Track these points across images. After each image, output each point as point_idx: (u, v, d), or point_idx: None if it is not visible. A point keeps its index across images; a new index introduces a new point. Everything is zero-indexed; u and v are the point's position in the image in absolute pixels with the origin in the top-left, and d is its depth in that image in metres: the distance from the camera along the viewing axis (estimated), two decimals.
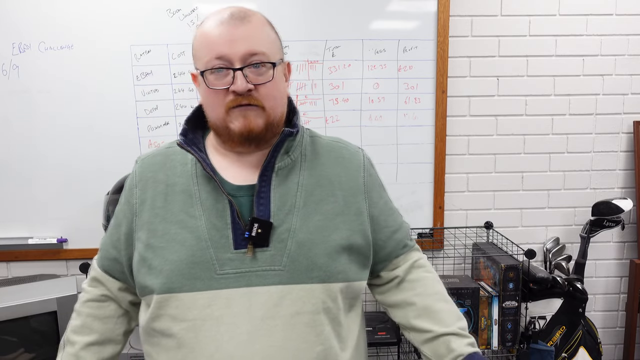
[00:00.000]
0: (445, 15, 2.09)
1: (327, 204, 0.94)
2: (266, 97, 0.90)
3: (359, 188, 0.99)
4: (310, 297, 0.89)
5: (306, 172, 0.96)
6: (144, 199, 0.96)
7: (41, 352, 1.82)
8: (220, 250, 0.89)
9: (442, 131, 2.16)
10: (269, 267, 0.88)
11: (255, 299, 0.87)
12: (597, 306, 2.34)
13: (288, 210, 0.91)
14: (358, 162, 1.02)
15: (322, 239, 0.91)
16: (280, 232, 0.90)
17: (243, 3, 2.05)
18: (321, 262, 0.90)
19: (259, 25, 0.90)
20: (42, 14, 2.01)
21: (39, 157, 2.09)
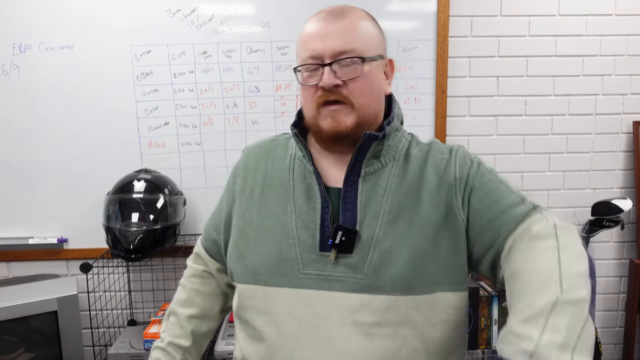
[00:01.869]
0: (445, 16, 2.09)
1: (413, 210, 0.89)
2: (355, 93, 0.88)
3: (451, 183, 0.91)
4: (392, 308, 0.85)
5: (395, 177, 0.92)
6: (244, 187, 0.99)
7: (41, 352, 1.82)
8: (306, 250, 0.89)
9: (442, 131, 2.16)
10: (350, 275, 0.86)
11: (336, 303, 0.86)
12: (597, 306, 2.34)
13: (373, 216, 0.89)
14: (449, 157, 0.94)
15: (405, 248, 0.86)
16: (364, 240, 0.88)
17: (242, 4, 2.05)
18: (405, 273, 0.85)
19: (356, 20, 0.89)
20: (42, 14, 2.01)
21: (39, 157, 2.09)
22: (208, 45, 2.06)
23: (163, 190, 1.92)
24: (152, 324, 1.88)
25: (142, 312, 2.20)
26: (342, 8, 0.90)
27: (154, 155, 2.11)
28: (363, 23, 0.90)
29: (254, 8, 2.06)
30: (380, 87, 0.93)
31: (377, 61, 0.91)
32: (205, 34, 2.06)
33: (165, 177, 2.00)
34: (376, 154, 0.92)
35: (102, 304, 2.13)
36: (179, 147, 2.11)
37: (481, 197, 0.90)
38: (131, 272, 2.19)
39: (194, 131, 2.11)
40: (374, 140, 0.90)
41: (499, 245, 0.87)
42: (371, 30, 0.91)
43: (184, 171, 2.13)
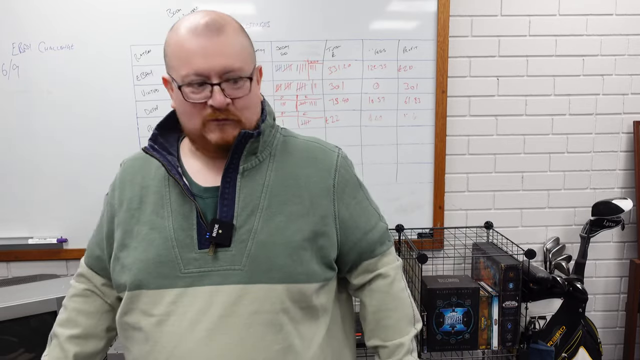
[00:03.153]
0: (445, 15, 2.09)
1: (291, 204, 0.95)
2: (243, 109, 0.92)
3: (329, 189, 0.99)
4: (269, 297, 0.90)
5: (273, 172, 0.97)
6: (122, 200, 1.01)
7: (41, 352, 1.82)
8: (185, 250, 0.92)
9: (442, 131, 2.16)
10: (229, 267, 0.90)
11: (216, 297, 0.89)
12: (597, 306, 2.34)
13: (251, 211, 0.93)
14: (330, 163, 1.01)
15: (283, 240, 0.92)
16: (242, 232, 0.92)
17: (242, 4, 2.05)
18: (281, 263, 0.91)
19: (234, 36, 0.90)
20: (42, 14, 2.01)
21: (39, 157, 2.09)
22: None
23: None
24: None
25: None
26: (217, 21, 0.90)
27: None
28: (240, 38, 0.92)
29: (254, 8, 2.06)
30: (259, 96, 0.98)
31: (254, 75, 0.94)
32: None
33: None
34: (252, 150, 0.95)
35: None
36: None
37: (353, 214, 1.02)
38: None
39: None
40: (250, 139, 0.94)
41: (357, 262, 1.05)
42: (247, 44, 0.93)
43: None
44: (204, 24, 0.89)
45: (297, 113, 2.12)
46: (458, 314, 1.88)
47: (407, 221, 2.20)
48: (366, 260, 1.05)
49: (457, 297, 1.88)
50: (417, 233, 2.21)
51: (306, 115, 2.12)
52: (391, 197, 2.19)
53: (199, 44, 0.88)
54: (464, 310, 1.88)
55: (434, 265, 2.26)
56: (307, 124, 2.12)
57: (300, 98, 2.12)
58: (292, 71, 2.09)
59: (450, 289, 1.87)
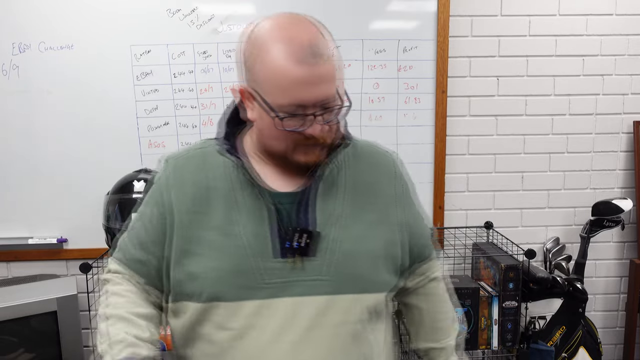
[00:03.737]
0: (445, 15, 2.09)
1: (368, 212, 0.93)
2: (332, 133, 0.89)
3: (395, 196, 0.98)
4: (354, 307, 0.89)
5: (349, 179, 0.94)
6: (180, 202, 0.91)
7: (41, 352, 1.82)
8: (263, 259, 0.86)
9: (442, 131, 2.16)
10: (316, 277, 0.87)
11: (301, 309, 0.86)
12: (597, 306, 2.34)
13: (331, 218, 0.90)
14: (391, 168, 1.00)
15: (365, 249, 0.91)
16: (326, 241, 0.88)
17: (242, 4, 2.05)
18: (365, 273, 0.90)
19: (335, 57, 0.84)
20: (42, 14, 2.01)
21: (39, 157, 2.09)
22: (208, 45, 2.06)
23: None
24: None
25: None
26: (319, 43, 0.82)
27: (154, 155, 2.11)
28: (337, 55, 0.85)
29: (254, 8, 2.06)
30: None
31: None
32: (205, 34, 2.06)
33: None
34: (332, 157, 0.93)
35: None
36: (179, 147, 2.11)
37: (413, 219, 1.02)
38: None
39: (194, 131, 2.11)
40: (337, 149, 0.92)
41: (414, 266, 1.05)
42: (340, 64, 0.87)
43: None
44: (307, 49, 0.80)
45: None
46: (458, 314, 1.88)
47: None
48: (421, 263, 1.06)
49: (457, 297, 1.88)
50: None
51: None
52: None
53: (303, 74, 0.80)
54: (464, 310, 1.88)
55: None
56: None
57: None
58: None
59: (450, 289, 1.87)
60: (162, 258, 0.92)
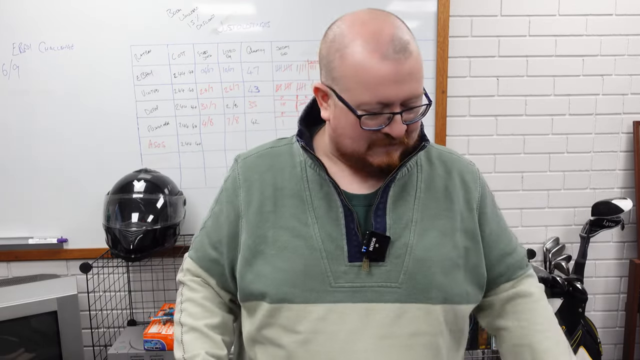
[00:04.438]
0: (445, 15, 2.09)
1: (442, 218, 0.89)
2: (413, 132, 0.85)
3: (474, 204, 0.93)
4: (428, 317, 0.84)
5: (423, 184, 0.90)
6: (249, 201, 0.91)
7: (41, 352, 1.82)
8: (335, 262, 0.84)
9: (442, 131, 2.16)
10: (385, 284, 0.83)
11: (372, 316, 0.82)
12: (597, 306, 2.34)
13: (405, 224, 0.86)
14: (473, 177, 0.96)
15: (439, 257, 0.86)
16: (397, 247, 0.85)
17: (242, 4, 2.05)
18: (439, 282, 0.85)
19: (417, 52, 0.80)
20: (42, 14, 2.01)
21: (39, 157, 2.09)
22: (208, 45, 2.06)
23: (163, 190, 1.92)
24: (152, 324, 1.88)
25: (142, 312, 2.20)
26: (402, 38, 0.78)
27: (154, 155, 2.11)
28: (420, 52, 0.81)
29: (254, 8, 2.06)
30: None
31: None
32: (205, 34, 2.06)
33: (165, 177, 2.00)
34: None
35: (102, 304, 2.13)
36: (179, 147, 2.11)
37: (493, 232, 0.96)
38: (131, 272, 2.19)
39: (194, 131, 2.11)
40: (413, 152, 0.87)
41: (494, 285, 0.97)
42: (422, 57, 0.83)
43: (184, 171, 2.13)
44: (391, 44, 0.77)
45: (297, 113, 2.11)
46: None
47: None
48: (504, 283, 0.97)
49: None
50: None
51: None
52: None
53: (389, 70, 0.76)
54: None
55: None
56: None
57: (300, 98, 2.12)
58: (292, 71, 2.09)
59: None
60: (234, 258, 0.92)
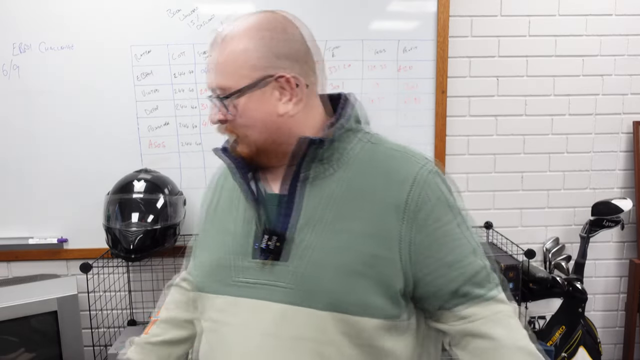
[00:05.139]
0: (445, 16, 2.09)
1: (355, 221, 0.82)
2: (237, 128, 0.87)
3: (399, 206, 0.82)
4: (313, 323, 0.80)
5: (344, 183, 0.84)
6: (210, 201, 1.01)
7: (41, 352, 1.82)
8: (241, 258, 0.87)
9: (442, 131, 2.16)
10: (276, 283, 0.83)
11: (259, 313, 0.83)
12: (597, 306, 2.34)
13: (311, 224, 0.83)
14: (407, 174, 0.84)
15: (337, 262, 0.80)
16: (300, 247, 0.83)
17: (242, 4, 2.05)
18: (329, 287, 0.80)
19: (235, 49, 0.84)
20: (42, 14, 2.01)
21: (39, 157, 2.09)
22: (208, 45, 2.06)
23: (163, 190, 1.92)
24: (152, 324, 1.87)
25: (142, 312, 2.20)
26: (228, 33, 0.86)
27: (154, 155, 2.11)
28: (239, 49, 0.83)
29: (254, 8, 2.06)
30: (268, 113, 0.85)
31: (258, 88, 0.83)
32: (206, 34, 2.06)
33: (165, 177, 2.00)
34: (320, 158, 0.85)
35: (102, 304, 2.13)
36: (179, 147, 2.11)
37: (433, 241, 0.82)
38: (131, 272, 2.19)
39: (194, 131, 2.11)
40: (313, 145, 0.84)
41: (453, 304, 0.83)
42: (243, 57, 0.83)
43: (184, 171, 2.13)
44: (218, 34, 0.87)
45: None
46: None
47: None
48: (457, 305, 0.82)
49: None
50: None
51: None
52: None
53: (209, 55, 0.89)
54: None
55: None
56: None
57: None
58: None
59: None
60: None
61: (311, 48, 0.89)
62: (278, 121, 0.86)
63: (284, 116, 0.85)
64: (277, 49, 0.84)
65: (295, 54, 0.86)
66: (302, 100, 0.86)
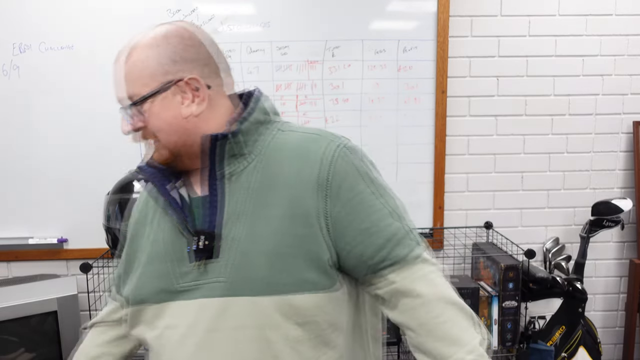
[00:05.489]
0: (445, 16, 2.09)
1: (274, 207, 0.86)
2: (148, 135, 0.92)
3: (315, 183, 0.86)
4: (253, 310, 0.83)
5: (259, 174, 0.89)
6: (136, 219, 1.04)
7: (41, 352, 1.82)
8: (178, 264, 0.90)
9: (441, 131, 2.16)
10: (216, 279, 0.86)
11: (204, 311, 0.86)
12: (597, 306, 2.34)
13: (236, 217, 0.87)
14: (321, 152, 0.87)
15: (265, 248, 0.84)
16: (228, 242, 0.87)
17: (242, 4, 2.05)
18: (263, 273, 0.84)
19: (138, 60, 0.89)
20: (42, 14, 2.01)
21: (39, 157, 2.09)
22: None
23: None
24: None
25: None
26: (129, 45, 0.90)
27: None
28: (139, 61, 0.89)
29: (254, 8, 2.06)
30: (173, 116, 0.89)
31: (160, 94, 0.88)
32: None
33: None
34: (233, 153, 0.89)
35: (102, 304, 2.13)
36: None
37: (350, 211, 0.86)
38: None
39: None
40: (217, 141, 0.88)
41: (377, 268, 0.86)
42: (143, 66, 0.88)
43: None
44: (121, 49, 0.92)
45: (297, 113, 2.12)
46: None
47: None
48: (383, 268, 0.86)
49: None
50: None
51: (306, 115, 2.12)
52: None
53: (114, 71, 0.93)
54: None
55: None
56: (307, 124, 2.12)
57: (300, 98, 2.12)
58: (292, 71, 2.10)
59: None
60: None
61: (213, 53, 0.93)
62: (184, 123, 0.90)
63: (189, 118, 0.89)
64: (176, 55, 0.89)
65: (195, 59, 0.90)
66: (205, 101, 0.89)
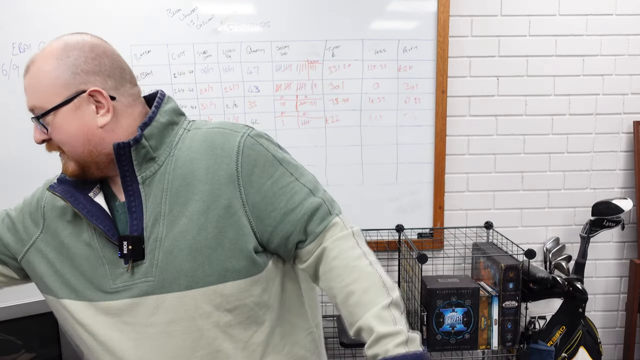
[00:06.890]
0: (445, 15, 2.09)
1: (192, 203, 0.90)
2: (55, 146, 0.94)
3: (231, 176, 0.90)
4: (182, 304, 0.89)
5: (171, 174, 0.91)
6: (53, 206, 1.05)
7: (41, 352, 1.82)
8: (113, 266, 0.93)
9: (442, 131, 2.16)
10: (144, 279, 0.91)
11: (137, 309, 0.91)
12: (597, 306, 2.34)
13: (155, 219, 0.91)
14: (231, 146, 0.91)
15: (186, 244, 0.89)
16: (150, 243, 0.91)
17: (242, 4, 2.05)
18: (187, 268, 0.89)
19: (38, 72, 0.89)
20: (42, 14, 2.01)
21: (39, 157, 2.08)
22: (208, 45, 2.06)
23: None
24: None
25: None
26: (34, 57, 0.91)
27: None
28: (44, 74, 0.88)
29: (254, 8, 2.06)
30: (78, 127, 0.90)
31: (66, 105, 0.89)
32: (205, 34, 2.06)
33: None
34: (144, 158, 0.91)
35: None
36: None
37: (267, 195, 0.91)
38: None
39: None
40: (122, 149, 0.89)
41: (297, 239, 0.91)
42: (41, 79, 0.89)
43: None
44: (29, 60, 0.92)
45: (297, 113, 2.12)
46: (458, 314, 1.88)
47: (407, 221, 2.20)
48: (304, 246, 0.91)
49: (457, 297, 1.88)
50: (417, 233, 2.21)
51: (306, 115, 2.12)
52: (391, 197, 2.19)
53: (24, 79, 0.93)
54: (463, 310, 1.88)
55: (434, 265, 2.26)
56: (307, 124, 2.12)
57: (300, 98, 2.12)
58: (292, 71, 2.10)
59: (450, 289, 1.87)
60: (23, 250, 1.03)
61: (119, 62, 0.98)
62: (89, 135, 0.91)
63: (93, 130, 0.91)
64: (77, 68, 0.90)
65: (97, 71, 0.92)
66: (109, 112, 0.91)
